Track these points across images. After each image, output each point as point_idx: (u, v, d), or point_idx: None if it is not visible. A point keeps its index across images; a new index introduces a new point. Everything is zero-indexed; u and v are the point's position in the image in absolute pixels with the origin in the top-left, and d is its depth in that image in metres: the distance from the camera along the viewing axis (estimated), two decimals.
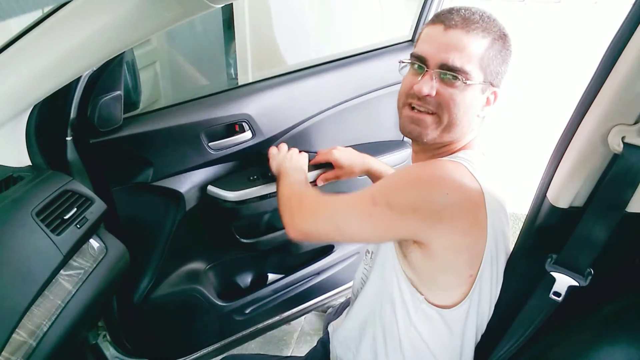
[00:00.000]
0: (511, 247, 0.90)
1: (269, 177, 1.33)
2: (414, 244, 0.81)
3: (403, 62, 0.89)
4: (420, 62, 0.84)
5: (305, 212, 0.89)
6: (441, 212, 0.76)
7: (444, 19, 0.83)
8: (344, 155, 1.27)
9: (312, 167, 1.35)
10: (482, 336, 0.92)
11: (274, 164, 1.21)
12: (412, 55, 0.86)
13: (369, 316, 0.96)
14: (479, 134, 0.91)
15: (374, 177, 1.28)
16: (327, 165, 1.33)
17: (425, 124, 0.85)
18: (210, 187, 1.32)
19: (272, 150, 1.26)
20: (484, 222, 0.78)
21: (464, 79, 0.80)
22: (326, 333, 1.20)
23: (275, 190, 1.33)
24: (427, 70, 0.83)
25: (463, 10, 0.83)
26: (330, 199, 0.88)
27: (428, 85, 0.82)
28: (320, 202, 0.89)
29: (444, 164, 0.80)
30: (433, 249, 0.79)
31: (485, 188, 0.78)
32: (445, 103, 0.82)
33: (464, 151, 0.86)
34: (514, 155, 2.72)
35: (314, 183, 1.35)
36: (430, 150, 0.90)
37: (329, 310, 1.54)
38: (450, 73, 0.81)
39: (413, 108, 0.86)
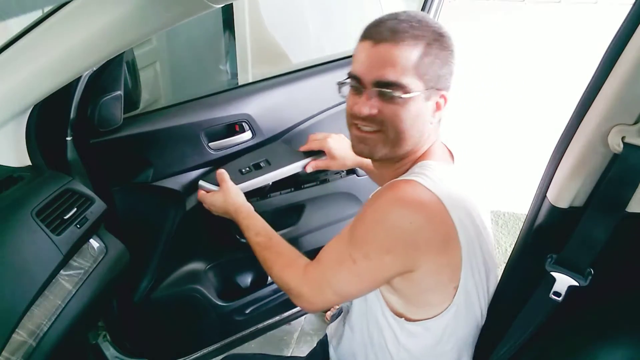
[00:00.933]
0: (493, 247, 0.90)
1: (262, 167, 1.31)
2: (398, 274, 0.81)
3: (341, 83, 0.87)
4: (356, 82, 0.82)
5: (309, 294, 0.85)
6: (413, 241, 0.76)
7: (372, 33, 0.80)
8: (338, 146, 1.23)
9: (304, 153, 1.33)
10: (482, 336, 0.92)
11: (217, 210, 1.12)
12: (349, 75, 0.84)
13: (359, 342, 0.96)
14: (438, 138, 0.89)
15: (366, 170, 1.26)
16: (319, 152, 1.30)
17: (374, 142, 0.83)
18: (201, 182, 1.23)
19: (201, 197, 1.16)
20: (454, 233, 0.77)
21: (402, 93, 0.78)
22: (325, 335, 1.20)
23: (270, 183, 1.32)
24: (364, 90, 0.81)
25: (390, 21, 0.79)
26: (318, 272, 0.84)
27: (367, 106, 0.80)
28: (314, 277, 0.85)
29: (396, 191, 0.77)
30: (416, 275, 0.79)
31: (444, 198, 0.76)
32: (389, 120, 0.80)
33: (421, 163, 0.84)
34: (514, 155, 2.72)
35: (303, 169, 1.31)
36: (389, 165, 0.88)
37: (333, 312, 1.53)
38: (387, 90, 0.78)
39: (359, 128, 0.84)
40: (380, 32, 0.78)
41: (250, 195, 1.32)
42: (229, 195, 1.06)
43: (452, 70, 0.82)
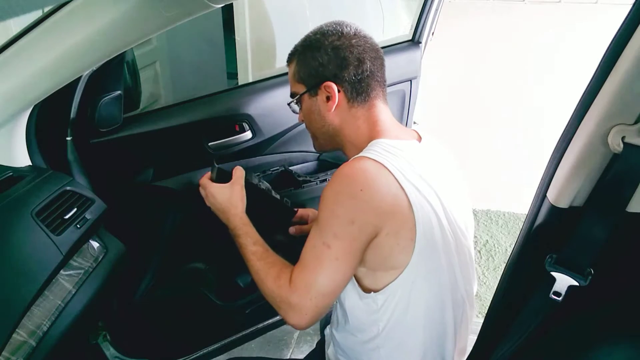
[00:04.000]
0: (468, 224, 0.93)
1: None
2: (368, 244, 0.84)
3: None
4: None
5: (298, 301, 0.84)
6: (370, 206, 0.80)
7: None
8: None
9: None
10: (482, 336, 0.92)
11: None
12: None
13: (347, 334, 0.97)
14: (385, 119, 0.94)
15: None
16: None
17: (313, 141, 1.05)
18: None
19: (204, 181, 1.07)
20: (403, 195, 0.81)
21: (292, 102, 0.99)
22: (323, 336, 1.20)
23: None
24: None
25: None
26: (301, 275, 0.84)
27: (299, 116, 1.03)
28: (299, 282, 0.84)
29: (344, 168, 0.84)
30: (379, 240, 0.82)
31: (389, 165, 0.82)
32: (304, 122, 1.02)
33: (373, 141, 0.91)
34: (513, 155, 2.72)
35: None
36: (349, 149, 0.98)
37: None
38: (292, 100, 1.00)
39: None
40: None
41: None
42: (235, 195, 1.01)
43: (329, 60, 0.92)
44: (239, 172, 1.04)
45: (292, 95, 0.99)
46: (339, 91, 0.92)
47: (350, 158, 0.96)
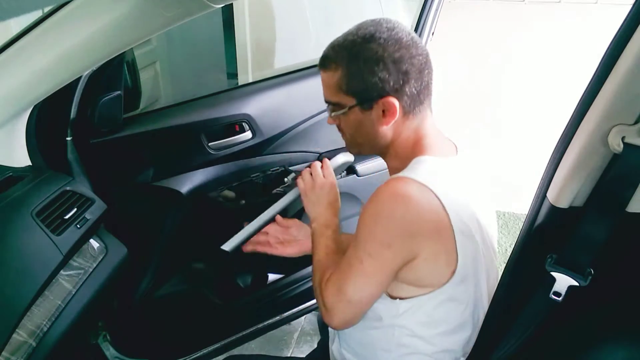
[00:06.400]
0: (494, 237, 0.93)
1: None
2: (402, 266, 0.83)
3: None
4: None
5: (330, 304, 0.87)
6: (409, 231, 0.79)
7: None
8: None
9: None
10: (482, 336, 0.92)
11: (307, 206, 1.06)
12: None
13: (357, 331, 0.97)
14: (432, 132, 0.92)
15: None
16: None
17: (346, 143, 0.98)
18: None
19: (300, 184, 1.08)
20: (447, 220, 0.80)
21: (335, 110, 0.90)
22: (325, 334, 1.19)
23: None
24: None
25: (325, 50, 0.91)
26: (334, 278, 0.87)
27: (330, 118, 0.95)
28: (331, 286, 0.87)
29: (387, 188, 0.82)
30: (416, 262, 0.81)
31: (435, 189, 0.80)
32: (341, 129, 0.95)
33: (416, 159, 0.88)
34: (513, 155, 2.72)
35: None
36: (387, 161, 0.96)
37: None
38: (330, 107, 0.92)
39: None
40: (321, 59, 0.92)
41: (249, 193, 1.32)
42: (338, 199, 1.05)
43: (389, 75, 0.84)
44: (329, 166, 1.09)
45: (334, 104, 0.91)
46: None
47: (389, 166, 0.96)
